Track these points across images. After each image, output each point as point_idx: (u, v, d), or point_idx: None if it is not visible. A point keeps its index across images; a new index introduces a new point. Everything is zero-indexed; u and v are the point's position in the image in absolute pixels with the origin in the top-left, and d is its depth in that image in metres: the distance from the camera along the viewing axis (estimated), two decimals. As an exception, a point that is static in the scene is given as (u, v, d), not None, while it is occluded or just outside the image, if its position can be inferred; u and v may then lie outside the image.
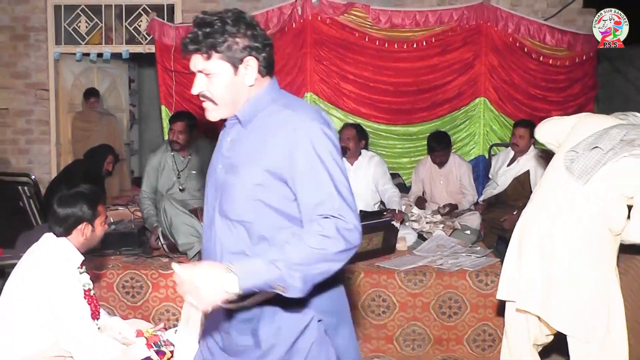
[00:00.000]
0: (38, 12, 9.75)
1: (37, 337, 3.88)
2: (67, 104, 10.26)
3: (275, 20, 8.76)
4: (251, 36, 2.68)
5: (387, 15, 8.74)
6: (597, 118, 4.65)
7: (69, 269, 3.96)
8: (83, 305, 3.95)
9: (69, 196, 4.16)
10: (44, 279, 3.85)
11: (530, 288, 4.33)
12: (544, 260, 4.28)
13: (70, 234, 4.08)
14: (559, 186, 4.37)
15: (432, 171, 8.04)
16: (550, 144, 4.75)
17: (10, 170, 9.57)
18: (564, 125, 4.66)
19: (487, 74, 8.83)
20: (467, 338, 5.76)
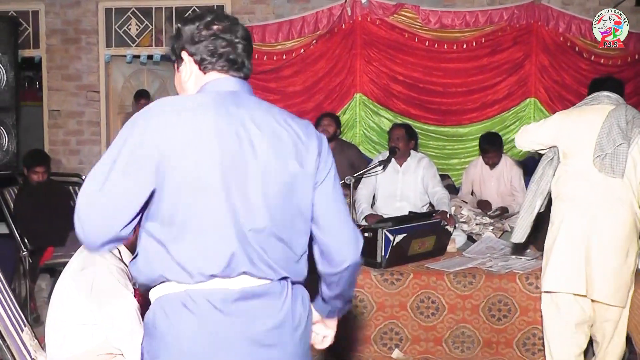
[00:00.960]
0: (89, 15, 9.92)
1: (87, 335, 3.87)
2: (117, 106, 10.43)
3: (325, 21, 8.90)
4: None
5: (437, 15, 8.81)
6: (576, 113, 5.28)
7: (117, 266, 3.93)
8: (133, 304, 3.89)
9: None
10: (93, 277, 3.84)
11: (579, 274, 5.00)
12: (591, 249, 4.97)
13: None
14: (596, 184, 4.98)
15: (483, 172, 7.97)
16: (539, 148, 5.39)
17: (62, 170, 9.70)
18: (547, 129, 5.27)
19: (537, 74, 8.85)
20: (517, 342, 5.73)
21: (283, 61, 9.06)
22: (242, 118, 2.47)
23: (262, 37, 9.00)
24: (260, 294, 2.47)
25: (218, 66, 2.59)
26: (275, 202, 2.47)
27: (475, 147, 8.62)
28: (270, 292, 2.49)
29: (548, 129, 5.28)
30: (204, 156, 2.37)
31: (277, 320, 2.49)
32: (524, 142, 5.49)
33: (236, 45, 2.61)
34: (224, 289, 2.42)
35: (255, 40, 8.97)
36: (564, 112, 5.46)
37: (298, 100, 9.16)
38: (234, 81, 2.60)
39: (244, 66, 2.64)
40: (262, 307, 2.47)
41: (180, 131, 2.37)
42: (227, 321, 2.42)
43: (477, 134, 8.66)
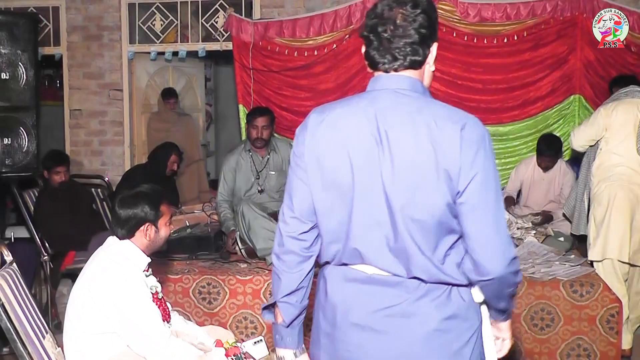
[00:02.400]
0: (112, 11, 9.94)
1: (108, 344, 3.93)
2: (141, 105, 10.44)
3: (358, 14, 8.83)
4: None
5: (477, 8, 8.72)
6: (615, 105, 6.53)
7: (134, 273, 4.01)
8: (152, 308, 4.00)
9: (130, 197, 4.21)
10: (109, 284, 3.91)
11: (624, 242, 6.34)
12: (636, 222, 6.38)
13: (134, 235, 4.14)
14: (634, 163, 6.38)
15: (534, 173, 7.95)
16: (592, 143, 6.65)
17: (84, 172, 9.75)
18: (597, 124, 6.52)
19: (582, 69, 8.73)
20: (561, 352, 5.72)
21: (314, 57, 9.03)
22: (378, 115, 2.61)
23: (292, 32, 8.98)
24: (383, 282, 2.66)
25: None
26: (415, 188, 2.55)
27: (516, 147, 8.61)
28: (393, 283, 2.66)
29: (598, 124, 6.50)
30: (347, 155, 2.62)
31: (392, 309, 2.66)
32: (580, 141, 6.71)
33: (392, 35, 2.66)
34: (359, 270, 2.70)
35: (285, 35, 8.98)
36: (605, 106, 6.67)
37: (330, 98, 9.04)
38: (390, 78, 2.70)
39: (396, 59, 2.68)
40: (382, 293, 2.66)
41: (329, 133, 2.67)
42: (354, 296, 2.72)
43: (518, 132, 8.65)
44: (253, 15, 9.61)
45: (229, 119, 13.85)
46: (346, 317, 2.74)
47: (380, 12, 2.68)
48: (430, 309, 2.64)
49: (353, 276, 2.73)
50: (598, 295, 5.62)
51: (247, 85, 9.20)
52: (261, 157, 7.10)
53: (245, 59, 9.11)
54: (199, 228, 7.09)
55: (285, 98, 9.21)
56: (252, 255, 6.46)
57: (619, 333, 5.66)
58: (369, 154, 2.59)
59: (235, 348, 4.23)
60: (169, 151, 8.44)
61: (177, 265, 6.27)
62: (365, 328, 2.70)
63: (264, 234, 6.30)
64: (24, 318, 3.94)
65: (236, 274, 6.03)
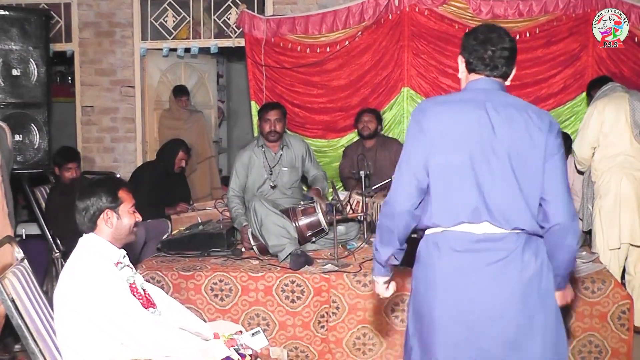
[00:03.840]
0: (124, 7, 9.96)
1: (101, 345, 3.89)
2: (154, 101, 10.45)
3: (371, 11, 8.87)
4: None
5: (489, 5, 8.74)
6: (605, 101, 6.88)
7: (104, 267, 3.96)
8: (128, 299, 3.95)
9: (87, 187, 4.21)
10: (82, 283, 3.87)
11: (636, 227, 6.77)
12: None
13: (97, 226, 4.10)
14: (632, 152, 6.76)
15: None
16: (592, 149, 6.93)
17: (95, 169, 9.80)
18: (593, 126, 6.82)
19: (594, 66, 8.74)
20: (572, 349, 5.67)
21: (327, 54, 9.06)
22: (487, 107, 3.43)
23: (304, 28, 9.02)
24: (495, 239, 3.44)
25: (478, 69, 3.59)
26: (512, 169, 3.39)
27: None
28: (504, 238, 3.43)
29: (595, 122, 6.84)
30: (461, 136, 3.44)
31: (503, 258, 3.43)
32: (584, 150, 6.98)
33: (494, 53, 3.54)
34: (469, 232, 3.45)
35: (298, 31, 9.00)
36: (594, 105, 6.96)
37: (342, 94, 9.16)
38: (488, 81, 3.57)
39: (497, 68, 3.55)
40: (495, 248, 3.44)
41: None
42: (465, 256, 3.47)
43: (530, 130, 8.63)
44: (265, 12, 9.62)
45: (241, 116, 13.86)
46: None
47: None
48: (530, 257, 3.47)
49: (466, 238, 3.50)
50: (609, 291, 5.59)
51: (260, 81, 9.22)
52: (274, 152, 7.10)
53: (258, 56, 9.14)
54: (211, 225, 7.09)
55: (298, 95, 9.23)
56: (264, 251, 6.46)
57: (630, 330, 5.64)
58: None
59: (232, 340, 4.20)
60: (176, 148, 8.45)
61: (189, 262, 6.25)
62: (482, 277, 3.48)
63: (276, 231, 6.29)
64: (36, 315, 3.93)
65: (248, 271, 6.01)
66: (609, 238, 6.77)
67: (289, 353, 5.83)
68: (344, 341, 5.81)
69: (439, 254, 3.52)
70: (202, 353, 3.99)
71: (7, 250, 4.92)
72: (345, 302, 5.78)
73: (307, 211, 6.55)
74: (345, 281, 5.68)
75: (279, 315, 5.91)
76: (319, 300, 5.85)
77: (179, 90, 10.23)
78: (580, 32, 8.73)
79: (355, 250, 6.51)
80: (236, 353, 4.08)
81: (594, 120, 6.83)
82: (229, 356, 4.04)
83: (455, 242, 3.48)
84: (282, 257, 6.20)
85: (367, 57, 9.01)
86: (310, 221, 6.50)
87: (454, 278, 3.49)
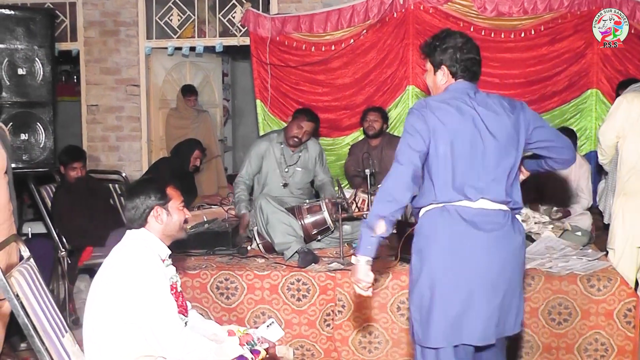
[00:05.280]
0: (129, 6, 9.96)
1: (126, 336, 3.89)
2: (159, 100, 10.47)
3: (376, 10, 8.86)
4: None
5: (494, 3, 8.73)
6: (633, 95, 6.43)
7: (154, 261, 3.99)
8: (168, 299, 3.96)
9: (136, 186, 4.26)
10: (128, 273, 3.89)
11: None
12: None
13: (147, 222, 4.12)
14: None
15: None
16: (617, 138, 6.46)
17: (101, 168, 9.79)
18: (617, 115, 6.41)
19: (599, 63, 8.73)
20: (578, 347, 5.69)
21: (332, 52, 9.04)
22: (474, 105, 4.06)
23: (309, 27, 9.01)
24: (490, 214, 4.02)
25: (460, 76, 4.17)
26: (501, 153, 4.01)
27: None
28: (496, 214, 4.03)
29: (622, 112, 6.40)
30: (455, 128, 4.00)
31: (499, 224, 4.02)
32: (609, 138, 6.53)
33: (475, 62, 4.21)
34: (467, 206, 4.00)
35: (302, 30, 9.00)
36: (624, 96, 6.47)
37: (347, 93, 9.15)
38: (467, 83, 4.17)
39: (476, 74, 4.20)
40: (489, 221, 4.01)
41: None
42: (466, 225, 3.98)
43: (535, 127, 8.64)
44: (270, 10, 9.62)
45: (246, 114, 13.87)
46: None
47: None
48: (516, 231, 4.12)
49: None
50: (615, 289, 5.60)
51: (265, 80, 9.22)
52: (292, 151, 7.12)
53: (263, 54, 9.13)
54: (216, 223, 7.06)
55: (303, 93, 9.22)
56: (269, 250, 6.46)
57: (636, 327, 5.65)
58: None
59: (247, 335, 4.20)
60: (193, 147, 8.49)
61: (194, 261, 6.26)
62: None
63: (282, 229, 6.31)
64: (42, 314, 3.92)
65: (254, 269, 6.02)
66: (635, 237, 6.37)
67: (295, 351, 5.82)
68: (350, 339, 5.81)
69: (442, 223, 4.03)
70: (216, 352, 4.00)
71: (13, 249, 4.92)
72: (351, 300, 5.78)
73: (313, 209, 6.55)
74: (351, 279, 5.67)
75: (285, 313, 5.92)
76: (325, 298, 5.86)
77: (188, 89, 10.25)
78: (585, 29, 8.70)
79: (360, 248, 6.47)
80: (249, 352, 4.08)
81: (622, 108, 6.47)
82: (243, 355, 4.04)
83: (455, 215, 4.00)
84: (288, 255, 6.20)
85: (372, 56, 9.01)
86: (316, 219, 6.51)
87: (454, 245, 3.99)
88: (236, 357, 4.01)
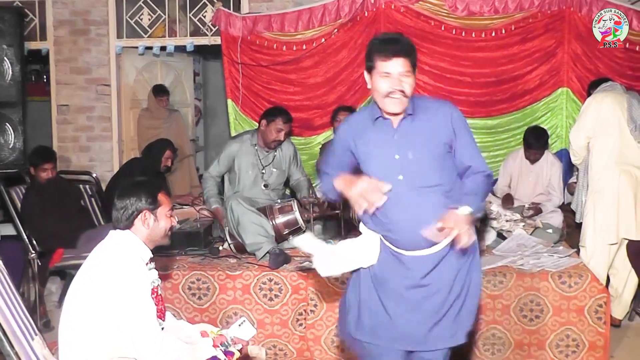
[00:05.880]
0: (99, 5, 9.89)
1: (103, 337, 3.86)
2: (130, 100, 10.40)
3: (347, 9, 8.85)
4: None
5: (465, 2, 8.75)
6: (603, 95, 6.92)
7: (137, 264, 3.98)
8: (150, 303, 3.96)
9: (129, 186, 4.24)
10: (110, 275, 3.87)
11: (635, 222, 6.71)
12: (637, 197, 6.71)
13: (133, 225, 4.12)
14: (628, 148, 6.71)
15: (522, 166, 7.99)
16: (588, 139, 6.86)
17: (71, 168, 9.70)
18: (588, 116, 6.82)
19: (570, 62, 8.76)
20: (550, 343, 5.78)
21: (303, 51, 9.03)
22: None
23: (281, 26, 8.99)
24: None
25: None
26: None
27: (505, 139, 8.67)
28: None
29: (592, 112, 6.80)
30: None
31: None
32: (580, 139, 6.91)
33: None
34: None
35: (274, 29, 8.99)
36: (594, 96, 6.95)
37: (319, 92, 9.15)
38: None
39: None
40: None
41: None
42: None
43: (506, 125, 8.71)
44: (241, 10, 9.60)
45: (218, 114, 13.82)
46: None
47: None
48: None
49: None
50: (586, 286, 5.69)
51: (236, 79, 9.19)
52: (266, 152, 7.09)
53: (234, 54, 9.11)
54: (188, 224, 7.06)
55: (274, 92, 9.20)
56: (241, 250, 6.46)
57: (607, 323, 5.75)
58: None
59: (221, 336, 4.20)
60: (164, 147, 8.45)
61: (166, 261, 6.23)
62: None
63: (253, 229, 6.30)
64: (11, 317, 3.91)
65: (226, 269, 6.05)
66: (607, 234, 6.70)
67: (268, 351, 5.85)
68: (322, 338, 5.84)
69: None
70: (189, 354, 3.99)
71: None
72: (323, 299, 5.79)
73: (284, 209, 6.56)
74: (323, 279, 5.66)
75: (257, 313, 5.93)
76: (297, 298, 5.88)
77: (159, 89, 10.18)
78: (555, 29, 8.75)
79: (333, 247, 6.48)
80: (222, 353, 4.08)
81: (592, 109, 6.82)
82: (216, 356, 4.04)
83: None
84: (259, 256, 6.22)
85: (344, 55, 9.00)
86: (287, 219, 6.51)
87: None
88: (209, 358, 4.01)
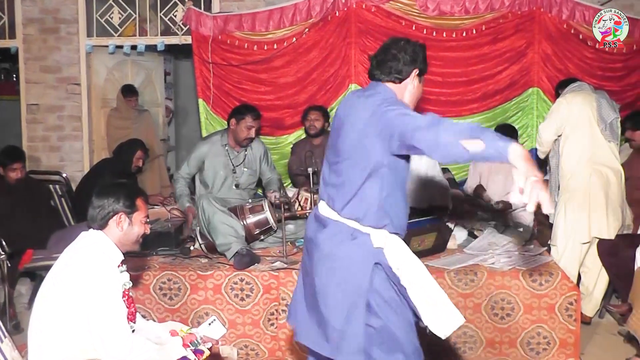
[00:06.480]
0: (69, 3, 9.84)
1: (73, 338, 3.86)
2: (100, 99, 10.35)
3: (318, 8, 8.87)
4: None
5: (436, 2, 8.77)
6: (573, 95, 7.09)
7: (108, 266, 3.96)
8: (120, 306, 3.95)
9: (108, 186, 4.25)
10: (82, 276, 3.85)
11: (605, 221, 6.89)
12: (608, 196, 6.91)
13: (107, 225, 4.11)
14: (603, 148, 6.95)
15: (491, 165, 7.87)
16: (556, 136, 7.08)
17: (42, 168, 9.66)
18: (559, 115, 6.99)
19: (540, 63, 8.83)
20: (521, 341, 5.80)
21: (274, 51, 9.02)
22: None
23: (251, 25, 8.98)
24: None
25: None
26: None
27: (476, 139, 8.67)
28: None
29: (562, 111, 6.98)
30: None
31: None
32: (548, 135, 7.10)
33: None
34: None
35: (245, 28, 8.98)
36: (564, 96, 7.14)
37: (290, 91, 9.16)
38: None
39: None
40: None
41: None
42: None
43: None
44: (212, 9, 9.59)
45: (189, 114, 13.80)
46: None
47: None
48: None
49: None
50: (557, 284, 5.72)
51: (207, 79, 9.17)
52: (236, 152, 7.11)
53: (205, 53, 9.09)
54: (159, 224, 7.03)
55: (245, 92, 9.19)
56: (212, 250, 6.45)
57: (578, 320, 5.78)
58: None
59: (190, 335, 4.22)
60: (135, 147, 8.40)
61: (137, 261, 6.18)
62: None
63: (224, 229, 6.29)
64: (-20, 318, 3.91)
65: (197, 270, 6.04)
66: (578, 233, 6.85)
67: (239, 351, 5.84)
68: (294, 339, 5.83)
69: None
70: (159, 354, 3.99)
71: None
72: (294, 299, 5.79)
73: (255, 209, 6.56)
74: (295, 278, 5.69)
75: (229, 313, 5.92)
76: (269, 297, 5.87)
77: (128, 89, 10.14)
78: (526, 29, 8.81)
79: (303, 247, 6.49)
80: (192, 353, 4.09)
81: (563, 107, 6.99)
82: (186, 356, 4.05)
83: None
84: (229, 256, 6.20)
85: (315, 54, 9.01)
86: (258, 219, 6.51)
87: None
88: (179, 358, 4.01)
